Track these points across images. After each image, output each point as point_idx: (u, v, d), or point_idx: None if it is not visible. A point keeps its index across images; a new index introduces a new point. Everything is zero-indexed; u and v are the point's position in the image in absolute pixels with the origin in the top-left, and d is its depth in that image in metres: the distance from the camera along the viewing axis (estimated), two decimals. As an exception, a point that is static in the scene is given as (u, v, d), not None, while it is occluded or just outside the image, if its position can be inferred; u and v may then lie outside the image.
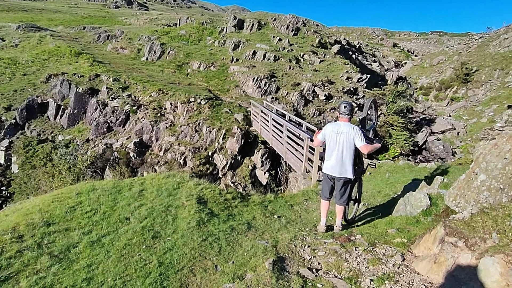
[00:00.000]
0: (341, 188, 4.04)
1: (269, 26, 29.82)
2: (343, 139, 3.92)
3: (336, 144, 3.94)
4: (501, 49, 32.47)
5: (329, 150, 4.03)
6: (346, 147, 3.91)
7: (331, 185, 4.14)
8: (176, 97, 18.08)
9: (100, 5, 66.12)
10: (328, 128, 4.07)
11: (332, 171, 3.99)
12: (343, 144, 3.92)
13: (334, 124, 4.06)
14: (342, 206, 4.14)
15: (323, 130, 4.16)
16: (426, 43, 69.92)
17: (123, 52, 28.74)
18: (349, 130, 3.93)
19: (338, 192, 4.09)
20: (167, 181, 5.06)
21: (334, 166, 3.96)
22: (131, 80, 19.91)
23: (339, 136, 3.95)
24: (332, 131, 4.00)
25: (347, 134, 3.92)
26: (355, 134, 3.89)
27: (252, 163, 16.55)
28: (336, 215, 4.24)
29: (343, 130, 3.95)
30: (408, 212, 4.61)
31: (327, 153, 4.07)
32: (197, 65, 24.29)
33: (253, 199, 5.10)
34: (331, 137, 4.00)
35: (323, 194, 4.20)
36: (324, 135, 4.11)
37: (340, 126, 3.99)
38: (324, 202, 4.18)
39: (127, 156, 15.51)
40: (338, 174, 3.95)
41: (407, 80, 37.95)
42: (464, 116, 26.29)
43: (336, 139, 3.94)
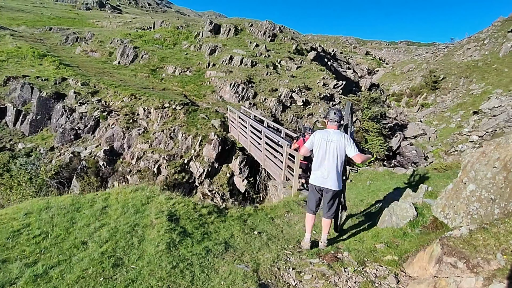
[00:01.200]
0: (330, 200, 3.77)
1: (246, 32, 29.69)
2: (333, 147, 3.67)
3: (326, 153, 3.69)
4: (465, 58, 34.41)
5: (318, 159, 3.75)
6: (336, 156, 3.66)
7: (318, 197, 3.86)
8: (150, 102, 17.32)
9: (69, 6, 63.24)
10: (317, 136, 3.80)
11: (321, 182, 3.71)
12: (333, 153, 3.66)
13: (323, 132, 3.81)
14: (329, 220, 3.88)
15: (311, 137, 3.88)
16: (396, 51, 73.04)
17: (94, 55, 27.40)
18: (340, 138, 3.70)
19: (326, 205, 3.81)
20: (134, 196, 4.53)
21: (324, 177, 3.69)
22: (102, 85, 18.88)
23: (329, 144, 3.69)
24: (322, 139, 3.74)
25: (338, 142, 3.68)
26: (346, 143, 3.68)
27: (230, 171, 16.10)
28: (322, 229, 3.95)
29: (333, 138, 3.70)
30: (394, 224, 4.40)
31: (315, 163, 3.79)
32: (172, 70, 23.58)
33: (231, 213, 4.69)
34: (320, 146, 3.73)
35: (309, 207, 3.90)
36: (312, 143, 3.83)
37: (329, 134, 3.75)
38: (310, 216, 3.88)
39: (97, 165, 14.54)
40: (328, 185, 3.68)
41: (380, 87, 39.21)
42: (434, 121, 27.37)
43: (326, 147, 3.69)
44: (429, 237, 3.51)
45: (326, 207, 3.82)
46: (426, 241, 3.42)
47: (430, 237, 3.49)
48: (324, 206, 3.84)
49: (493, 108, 22.76)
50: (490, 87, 26.93)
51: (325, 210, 3.84)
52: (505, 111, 20.59)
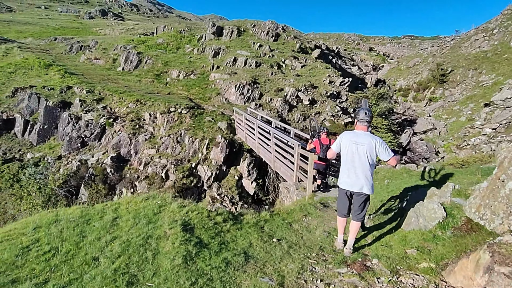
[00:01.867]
0: (361, 203, 3.59)
1: (249, 33, 29.52)
2: (364, 151, 3.44)
3: (355, 156, 3.46)
4: (473, 50, 33.71)
5: (347, 162, 3.53)
6: (367, 160, 3.45)
7: (349, 200, 3.68)
8: (155, 107, 17.22)
9: (73, 16, 63.97)
10: (345, 138, 3.56)
11: (352, 187, 3.52)
12: (363, 156, 3.44)
13: (352, 133, 3.57)
14: (358, 223, 3.68)
15: (338, 139, 3.65)
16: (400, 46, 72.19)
17: (98, 62, 27.51)
18: (371, 141, 3.48)
19: (357, 208, 3.62)
20: (146, 205, 4.33)
21: (354, 181, 3.49)
22: (107, 91, 18.86)
23: (359, 147, 3.45)
24: (351, 142, 3.50)
25: (369, 145, 3.45)
26: (379, 146, 3.46)
27: (238, 173, 15.90)
28: (350, 233, 3.74)
29: (363, 141, 3.47)
30: (421, 226, 4.12)
31: (344, 166, 3.58)
32: (177, 74, 23.50)
33: (247, 220, 4.46)
34: (349, 148, 3.50)
35: (340, 211, 3.75)
36: (340, 146, 3.61)
37: (359, 136, 3.51)
38: (342, 219, 3.77)
39: (104, 173, 14.46)
40: (358, 189, 3.49)
41: (386, 83, 38.71)
42: (444, 115, 26.82)
43: (355, 150, 3.46)
44: (465, 240, 3.24)
45: (356, 210, 3.64)
46: (463, 245, 3.15)
47: (467, 240, 3.22)
48: (354, 209, 3.67)
49: (505, 99, 22.16)
50: (501, 77, 26.27)
51: (355, 213, 3.66)
52: (519, 102, 20.00)
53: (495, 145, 17.99)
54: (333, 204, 5.80)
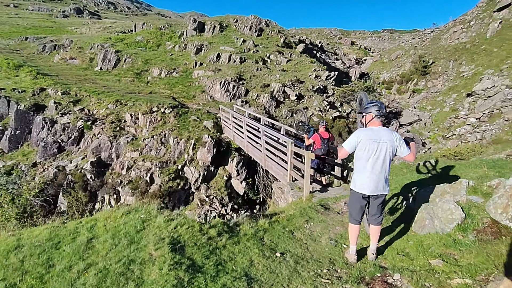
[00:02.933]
0: (379, 205, 3.30)
1: (232, 28, 28.80)
2: (386, 148, 3.12)
3: (376, 155, 3.12)
4: (452, 41, 34.31)
5: (365, 162, 3.17)
6: (388, 159, 3.16)
7: (364, 205, 3.35)
8: (137, 107, 16.37)
9: (46, 15, 60.92)
10: (363, 135, 3.17)
11: (371, 189, 3.18)
12: (385, 155, 3.13)
13: (370, 131, 3.20)
14: (379, 226, 3.37)
15: (353, 137, 3.23)
16: (380, 40, 73.08)
17: (73, 62, 26.11)
18: (392, 137, 3.17)
19: (375, 211, 3.33)
20: (127, 220, 3.75)
21: (375, 183, 3.16)
22: (84, 92, 17.80)
23: (380, 145, 3.12)
24: (370, 140, 3.13)
25: (391, 142, 3.14)
26: (399, 142, 3.18)
27: (227, 173, 15.36)
28: (371, 238, 3.43)
29: (385, 138, 3.14)
30: (437, 229, 3.74)
31: (361, 166, 3.21)
32: (158, 72, 22.57)
33: (244, 231, 3.95)
34: (369, 147, 3.13)
35: (354, 217, 3.38)
36: (355, 145, 3.21)
37: (379, 133, 3.16)
38: (355, 227, 3.38)
39: (84, 179, 13.57)
40: (376, 191, 3.19)
41: (369, 76, 38.96)
42: (428, 106, 27.13)
43: (375, 148, 3.11)
44: (497, 247, 2.86)
45: (375, 214, 3.33)
46: (495, 253, 2.76)
47: (498, 247, 2.83)
48: (372, 212, 3.35)
49: (486, 89, 22.54)
50: (480, 68, 26.76)
51: (373, 216, 3.35)
52: (500, 91, 20.35)
53: (480, 134, 18.22)
54: (333, 206, 5.38)
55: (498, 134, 16.11)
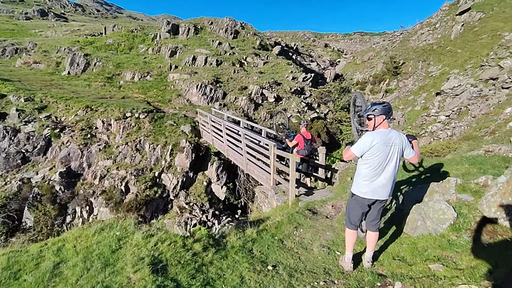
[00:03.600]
0: (380, 210, 3.21)
1: (207, 30, 28.38)
2: (397, 152, 2.98)
3: (388, 159, 2.96)
4: (420, 43, 35.91)
5: (377, 167, 2.97)
6: (398, 162, 3.02)
7: (366, 210, 3.20)
8: (109, 113, 15.56)
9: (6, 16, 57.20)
10: (377, 139, 2.93)
11: (379, 195, 3.03)
12: (396, 158, 2.99)
13: (381, 133, 2.98)
14: (377, 233, 3.25)
15: (363, 141, 2.99)
16: (352, 42, 75.46)
17: (38, 67, 24.55)
18: (401, 139, 3.03)
19: (374, 216, 3.21)
20: (100, 239, 3.34)
21: (382, 188, 3.01)
22: (50, 98, 16.68)
23: (393, 148, 2.96)
24: (382, 143, 2.92)
25: (401, 144, 3.00)
26: (406, 145, 3.04)
27: (207, 178, 14.93)
28: (367, 245, 3.29)
29: (396, 141, 2.98)
30: (431, 230, 3.65)
31: (370, 171, 3.00)
32: (131, 76, 21.71)
33: (231, 243, 3.66)
34: (381, 151, 2.93)
35: (352, 222, 3.22)
36: (366, 148, 2.96)
37: (391, 136, 2.98)
38: (353, 232, 3.23)
39: (52, 191, 12.63)
40: (385, 196, 3.05)
41: (344, 77, 39.86)
42: (400, 106, 28.06)
43: (388, 153, 2.95)
44: (496, 248, 2.77)
45: (374, 219, 3.20)
46: (496, 255, 2.67)
47: (499, 248, 2.74)
48: (372, 217, 3.21)
49: (453, 87, 23.63)
50: (447, 68, 28.11)
51: (372, 221, 3.21)
52: (466, 90, 21.39)
53: (450, 131, 19.02)
54: (321, 210, 5.21)
55: (467, 130, 16.85)
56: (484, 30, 28.42)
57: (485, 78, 20.68)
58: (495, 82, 19.66)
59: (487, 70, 21.18)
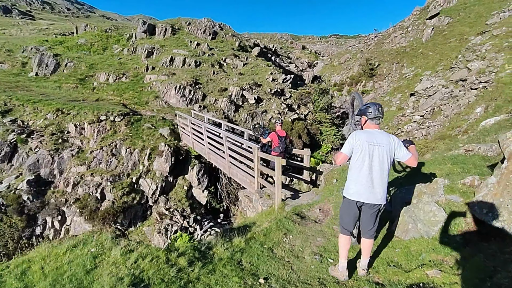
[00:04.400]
0: (374, 216, 3.07)
1: (184, 31, 27.80)
2: (382, 152, 2.92)
3: (373, 159, 2.90)
4: (394, 45, 37.16)
5: (360, 167, 2.94)
6: (386, 164, 2.93)
7: (358, 214, 3.11)
8: (82, 116, 14.76)
9: (-36, 14, 53.45)
10: (360, 138, 2.94)
11: (367, 198, 2.94)
12: (382, 159, 2.92)
13: (365, 133, 2.99)
14: (372, 240, 3.13)
15: (350, 140, 3.02)
16: (329, 45, 77.17)
17: (1, 67, 22.95)
18: (389, 140, 2.99)
19: (367, 222, 3.09)
20: (73, 258, 3.00)
21: (370, 190, 2.92)
22: (15, 101, 15.58)
23: (376, 148, 2.91)
24: (366, 142, 2.91)
25: (388, 145, 2.95)
26: (397, 146, 3.00)
27: (187, 183, 14.51)
28: (362, 252, 3.20)
29: (381, 141, 2.95)
30: (422, 233, 3.61)
31: (356, 171, 2.97)
32: (105, 77, 20.80)
33: (219, 254, 3.43)
34: (363, 150, 2.92)
35: (345, 227, 3.14)
36: (352, 148, 2.97)
37: (375, 136, 2.97)
38: (346, 238, 3.14)
39: (19, 201, 11.75)
40: (374, 200, 2.95)
41: (322, 78, 40.50)
42: (376, 106, 28.85)
43: (372, 152, 2.90)
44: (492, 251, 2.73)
45: (367, 225, 3.09)
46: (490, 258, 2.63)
47: (494, 252, 2.71)
48: (365, 223, 3.10)
49: (426, 88, 24.55)
50: (419, 70, 29.22)
51: (366, 228, 3.11)
52: (438, 90, 22.30)
53: (424, 130, 19.72)
54: (309, 214, 5.09)
55: (441, 129, 17.52)
56: (452, 34, 29.83)
57: (455, 80, 21.63)
58: (464, 83, 20.60)
59: (457, 72, 22.17)
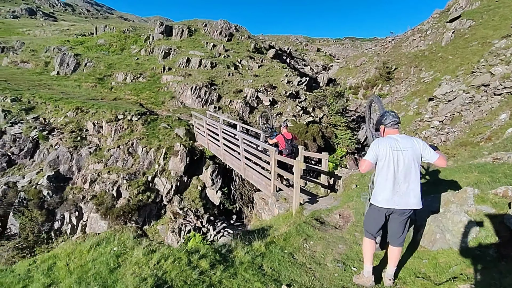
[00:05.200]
0: (405, 222, 2.99)
1: (201, 32, 28.08)
2: (409, 156, 2.86)
3: (397, 164, 2.86)
4: (412, 49, 36.37)
5: (386, 173, 2.90)
6: (413, 167, 2.86)
7: (384, 219, 3.03)
8: (100, 115, 15.08)
9: (-8, 14, 55.75)
10: (383, 145, 2.92)
11: (396, 204, 2.87)
12: (409, 163, 2.86)
13: (387, 139, 2.97)
14: (400, 248, 3.04)
15: (374, 148, 2.96)
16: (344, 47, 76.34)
17: (26, 66, 23.79)
18: (413, 143, 2.94)
19: (396, 230, 3.00)
20: (96, 256, 3.02)
21: (397, 196, 2.86)
22: (38, 99, 16.08)
23: (400, 153, 2.87)
24: (390, 148, 2.89)
25: (413, 148, 2.90)
26: (423, 147, 2.93)
27: (201, 183, 14.58)
28: (389, 261, 3.10)
29: (405, 145, 2.91)
30: (451, 243, 3.46)
31: (381, 179, 2.93)
32: (123, 77, 21.21)
33: (240, 258, 3.39)
34: (389, 157, 2.88)
35: (370, 232, 3.10)
36: (376, 155, 2.94)
37: (397, 140, 2.94)
38: (371, 242, 3.09)
39: (40, 196, 12.08)
40: (403, 205, 2.87)
41: (337, 81, 40.08)
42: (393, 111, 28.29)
43: (396, 158, 2.86)
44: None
45: (396, 233, 3.00)
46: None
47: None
48: (394, 231, 3.02)
49: (446, 93, 23.88)
50: (438, 74, 28.47)
51: (395, 236, 3.02)
52: (459, 96, 21.65)
53: (444, 136, 19.18)
54: (328, 219, 4.99)
55: (461, 136, 17.00)
56: (474, 37, 28.93)
57: (476, 85, 20.95)
58: (486, 89, 19.92)
59: (479, 76, 21.47)
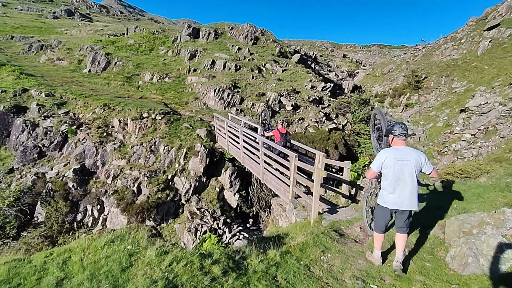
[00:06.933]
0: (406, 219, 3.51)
1: (227, 35, 28.40)
2: (411, 167, 3.34)
3: (402, 174, 3.34)
4: (444, 57, 34.87)
5: (392, 181, 3.39)
6: (414, 177, 3.35)
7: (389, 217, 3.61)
8: (126, 112, 15.53)
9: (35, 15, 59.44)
10: (388, 156, 3.40)
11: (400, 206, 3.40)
12: (411, 173, 3.33)
13: (393, 150, 3.44)
14: (405, 234, 3.54)
15: (379, 157, 3.50)
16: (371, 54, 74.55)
17: (61, 63, 25.07)
18: (417, 156, 3.40)
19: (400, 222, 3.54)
20: (110, 253, 3.01)
21: (404, 200, 3.37)
22: (70, 95, 16.85)
23: (405, 164, 3.34)
24: (395, 159, 3.36)
25: (416, 161, 3.36)
26: (424, 160, 3.40)
27: (220, 185, 14.59)
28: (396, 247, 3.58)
29: (410, 157, 3.38)
30: (485, 269, 3.15)
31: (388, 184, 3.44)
32: (150, 77, 21.80)
33: (253, 266, 3.26)
34: (394, 166, 3.37)
35: (378, 227, 3.69)
36: (381, 165, 3.47)
37: (403, 152, 3.40)
38: (380, 236, 3.73)
39: (65, 187, 12.58)
40: (404, 207, 3.39)
41: (362, 88, 39.13)
42: (421, 121, 27.13)
43: (402, 168, 3.34)
44: None
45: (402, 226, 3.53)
46: None
47: None
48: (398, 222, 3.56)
49: (479, 105, 22.63)
50: (472, 84, 27.06)
51: (400, 225, 3.54)
52: (494, 108, 20.42)
53: (476, 150, 18.10)
54: (348, 232, 4.75)
55: (495, 151, 15.97)
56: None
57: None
58: (526, 102, 18.66)
59: (518, 88, 20.17)
